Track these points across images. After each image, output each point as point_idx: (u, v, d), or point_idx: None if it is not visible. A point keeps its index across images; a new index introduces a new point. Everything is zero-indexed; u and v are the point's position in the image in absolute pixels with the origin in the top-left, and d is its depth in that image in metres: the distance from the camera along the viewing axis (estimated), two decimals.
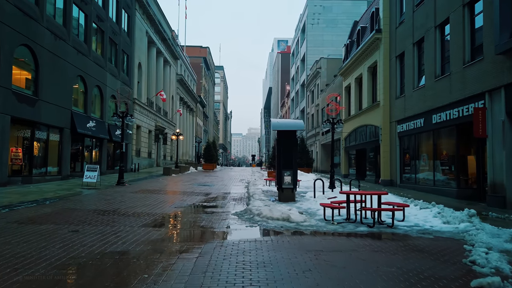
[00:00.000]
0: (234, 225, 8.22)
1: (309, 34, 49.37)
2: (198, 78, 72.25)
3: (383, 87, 21.42)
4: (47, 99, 17.34)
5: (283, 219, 8.40)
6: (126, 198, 12.87)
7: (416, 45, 18.19)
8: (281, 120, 13.28)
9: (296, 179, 12.97)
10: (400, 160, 19.98)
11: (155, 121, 37.63)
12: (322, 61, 39.84)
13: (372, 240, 6.78)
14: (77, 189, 15.12)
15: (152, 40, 36.37)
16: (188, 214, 9.78)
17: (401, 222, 8.27)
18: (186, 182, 21.65)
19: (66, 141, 19.44)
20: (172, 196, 14.37)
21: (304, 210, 10.45)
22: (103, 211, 9.81)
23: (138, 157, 32.00)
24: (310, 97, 45.96)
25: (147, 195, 13.88)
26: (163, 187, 17.93)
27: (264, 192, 15.63)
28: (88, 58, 21.89)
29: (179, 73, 50.65)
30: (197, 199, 13.19)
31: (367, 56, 23.99)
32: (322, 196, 11.97)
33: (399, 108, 19.91)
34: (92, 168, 16.40)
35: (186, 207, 11.18)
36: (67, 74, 19.38)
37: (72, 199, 11.96)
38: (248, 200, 12.96)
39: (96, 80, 23.08)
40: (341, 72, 29.91)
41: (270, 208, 9.68)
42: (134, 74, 30.88)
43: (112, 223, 8.03)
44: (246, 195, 14.84)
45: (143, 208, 10.60)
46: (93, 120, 22.36)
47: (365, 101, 24.64)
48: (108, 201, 11.94)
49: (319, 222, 8.32)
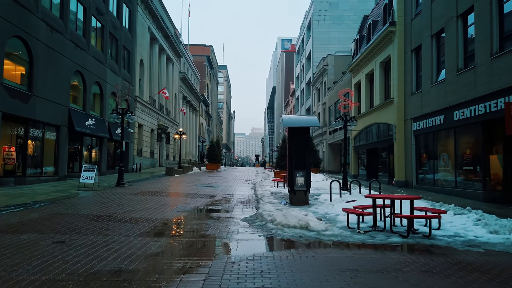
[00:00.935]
0: (245, 234, 7.15)
1: (315, 31, 48.20)
2: (202, 77, 71.28)
3: (397, 83, 20.28)
4: (42, 95, 16.35)
5: (301, 227, 7.32)
6: (124, 200, 11.83)
7: (435, 37, 17.04)
8: (293, 116, 12.22)
9: (310, 180, 11.89)
10: (416, 160, 18.83)
11: (157, 120, 36.63)
12: (329, 58, 38.70)
13: (412, 254, 5.69)
14: (72, 190, 14.10)
15: (155, 37, 35.38)
16: (192, 220, 8.71)
17: (437, 231, 7.17)
18: (190, 183, 20.61)
19: (63, 139, 18.45)
20: (175, 198, 13.33)
21: (321, 215, 9.37)
22: (97, 216, 8.77)
23: (140, 157, 31.01)
24: (316, 96, 44.82)
25: (147, 198, 12.84)
26: (165, 188, 16.89)
27: (273, 194, 14.56)
28: (87, 53, 20.89)
29: (182, 71, 49.68)
30: (202, 202, 12.13)
31: (379, 51, 22.85)
32: (339, 199, 10.88)
33: (415, 105, 18.76)
34: (89, 168, 15.39)
35: (189, 212, 10.12)
36: (64, 69, 18.38)
37: (65, 202, 10.93)
38: (257, 203, 11.90)
39: (95, 76, 22.08)
40: (350, 69, 28.78)
41: (283, 214, 8.60)
42: (136, 71, 29.88)
43: (105, 232, 6.98)
44: (254, 198, 13.78)
45: (142, 212, 9.55)
46: (92, 118, 21.36)
47: (376, 98, 23.50)
48: (105, 204, 10.90)
49: (343, 231, 7.23)
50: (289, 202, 12.08)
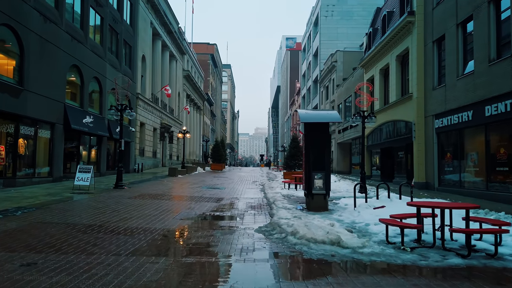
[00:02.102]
0: (263, 251, 5.81)
1: (323, 27, 46.73)
2: (205, 76, 70.03)
3: (416, 77, 18.85)
4: (34, 90, 15.10)
5: (331, 242, 5.97)
6: (121, 206, 10.53)
7: (461, 26, 15.62)
8: (311, 111, 10.88)
9: (329, 182, 10.54)
10: (438, 159, 17.41)
11: (160, 119, 35.38)
12: (338, 54, 37.27)
13: (491, 285, 4.32)
14: (65, 193, 12.83)
15: (157, 32, 34.11)
16: (197, 231, 7.38)
17: (502, 248, 5.78)
18: (194, 184, 19.31)
19: (59, 138, 17.20)
20: (178, 202, 12.01)
21: (348, 225, 8.02)
22: (86, 226, 7.47)
23: (141, 157, 29.76)
24: (324, 93, 43.40)
25: (147, 202, 11.54)
26: (167, 190, 15.60)
27: (286, 198, 13.22)
28: (84, 46, 19.63)
29: (186, 69, 48.42)
30: (208, 207, 10.81)
31: (396, 44, 21.41)
32: (364, 205, 9.52)
33: (437, 100, 17.34)
34: (84, 169, 14.11)
35: (194, 219, 8.80)
36: (59, 62, 17.13)
37: (54, 208, 9.64)
38: (270, 209, 10.56)
39: (94, 71, 20.83)
40: (362, 64, 27.35)
41: (305, 223, 7.27)
42: (138, 67, 28.62)
43: (92, 249, 5.67)
44: (265, 202, 12.45)
45: (140, 220, 8.24)
46: (90, 115, 20.11)
47: (392, 94, 22.07)
48: (98, 210, 9.60)
49: (384, 248, 5.86)
50: (306, 207, 10.75)
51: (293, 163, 22.10)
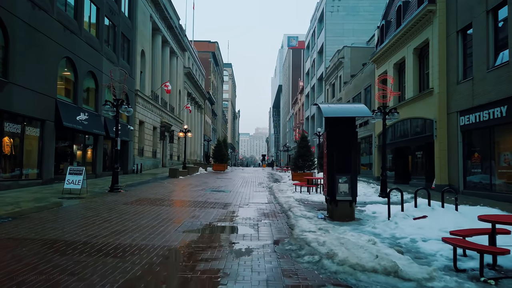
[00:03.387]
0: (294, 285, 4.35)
1: (328, 22, 45.21)
2: (207, 74, 68.58)
3: (438, 71, 17.38)
4: (21, 83, 13.66)
5: (385, 271, 4.51)
6: (114, 214, 9.08)
7: (491, 13, 14.16)
8: (334, 105, 9.41)
9: (356, 187, 9.10)
10: (463, 160, 15.95)
11: (160, 117, 33.92)
12: (346, 50, 35.78)
13: None
14: (53, 199, 11.38)
15: (157, 27, 32.66)
16: (205, 251, 5.91)
17: None
18: (196, 186, 17.86)
19: (49, 136, 15.75)
20: (180, 209, 10.56)
21: (390, 241, 6.57)
22: (68, 243, 6.03)
23: (141, 157, 28.31)
24: (330, 91, 41.91)
25: (145, 209, 10.09)
26: (168, 194, 14.15)
27: (301, 203, 11.77)
28: (78, 38, 18.18)
29: (187, 66, 46.97)
30: (214, 215, 9.36)
31: (413, 35, 19.94)
32: (400, 214, 8.06)
33: (462, 95, 15.87)
34: (76, 171, 12.67)
35: (200, 232, 7.35)
36: (50, 53, 15.68)
37: (34, 218, 8.20)
38: (287, 218, 9.12)
39: (89, 65, 19.37)
40: (373, 59, 25.88)
41: (339, 239, 5.85)
42: (137, 62, 27.17)
43: (66, 282, 4.22)
44: (278, 208, 11.00)
45: (135, 234, 6.80)
46: (85, 112, 18.65)
47: (409, 89, 20.59)
48: (87, 220, 8.15)
49: (461, 281, 4.37)
50: (328, 215, 9.30)
51: (302, 163, 20.63)
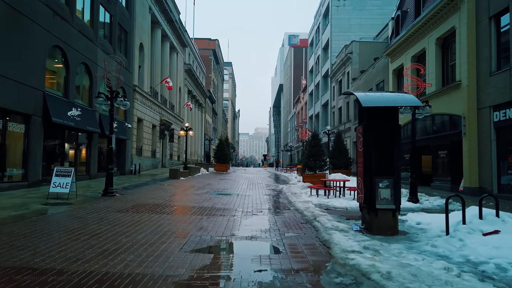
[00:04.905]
0: None
1: (334, 17, 43.58)
2: (207, 72, 66.93)
3: (466, 62, 15.77)
4: (1, 72, 12.01)
5: None
6: (105, 225, 7.43)
7: None
8: (373, 93, 7.77)
9: (400, 193, 7.47)
10: (497, 160, 14.35)
11: (160, 115, 32.27)
12: (354, 45, 34.17)
13: None
14: (36, 205, 9.73)
15: (157, 20, 31.00)
16: (219, 281, 4.26)
17: None
18: (200, 189, 16.23)
19: (36, 133, 14.10)
20: (183, 218, 8.89)
21: (469, 266, 4.95)
22: (36, 273, 4.39)
23: (139, 157, 26.65)
24: (337, 88, 40.29)
25: (142, 218, 8.45)
26: (169, 198, 12.51)
27: (324, 210, 10.15)
28: (70, 25, 16.52)
29: (187, 62, 45.32)
30: (225, 226, 7.71)
31: (436, 24, 18.33)
32: (463, 228, 6.41)
33: (496, 88, 14.26)
34: (63, 172, 11.01)
35: (212, 252, 5.71)
36: (37, 41, 14.02)
37: (3, 232, 6.55)
38: (315, 230, 7.49)
39: (82, 56, 17.72)
40: (388, 52, 24.27)
41: (414, 274, 4.40)
42: (135, 56, 25.52)
43: None
44: (298, 216, 9.38)
45: (129, 257, 5.16)
46: (77, 107, 17.00)
47: (432, 83, 18.95)
48: (70, 234, 6.51)
49: None
50: (365, 227, 7.67)
51: (313, 164, 18.99)
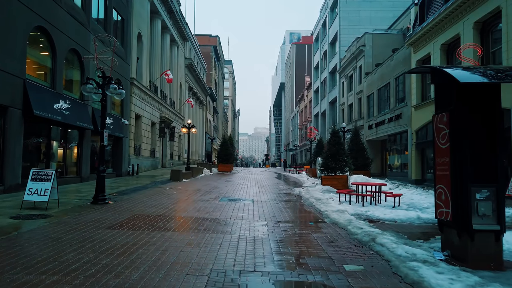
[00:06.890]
0: None
1: (343, 10, 41.44)
2: (208, 69, 64.77)
3: None
4: None
5: None
6: (88, 253, 5.23)
7: None
8: (465, 69, 5.62)
9: (504, 206, 5.32)
10: None
11: (159, 112, 30.06)
12: (367, 37, 32.02)
13: None
14: (4, 218, 7.53)
15: (156, 10, 28.80)
16: None
17: None
18: (206, 193, 14.06)
19: (15, 129, 11.90)
20: (194, 238, 6.63)
21: None
22: None
23: (137, 156, 24.46)
24: (347, 84, 38.15)
25: (140, 238, 6.26)
26: (172, 207, 10.32)
27: (369, 223, 8.00)
28: (57, 5, 14.34)
29: (188, 57, 43.12)
30: (253, 254, 5.51)
31: (473, 6, 16.20)
32: None
33: None
34: (42, 176, 8.83)
35: None
36: (15, 19, 11.83)
37: None
38: (381, 259, 5.33)
39: (71, 41, 15.53)
40: (410, 41, 22.12)
41: None
42: (132, 46, 23.33)
43: None
44: (342, 232, 7.21)
45: None
46: (66, 100, 14.82)
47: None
48: (32, 269, 4.30)
49: None
50: (453, 254, 5.49)
51: (334, 164, 16.85)
